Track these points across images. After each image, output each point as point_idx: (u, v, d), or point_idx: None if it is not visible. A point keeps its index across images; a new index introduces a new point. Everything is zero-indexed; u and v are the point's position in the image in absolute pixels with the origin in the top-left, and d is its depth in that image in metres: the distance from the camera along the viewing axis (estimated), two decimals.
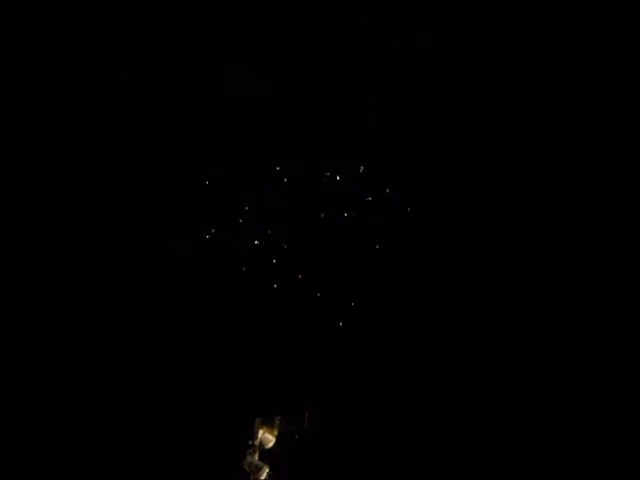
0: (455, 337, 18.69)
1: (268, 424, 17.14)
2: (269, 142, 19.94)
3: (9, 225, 20.12)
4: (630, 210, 18.08)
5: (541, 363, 18.25)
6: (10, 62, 19.88)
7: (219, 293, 19.64)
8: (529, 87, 19.52)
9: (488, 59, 19.69)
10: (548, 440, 17.84)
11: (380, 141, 19.93)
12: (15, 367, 18.20)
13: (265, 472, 16.65)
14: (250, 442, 16.58)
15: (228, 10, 19.93)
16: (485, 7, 19.04)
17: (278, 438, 17.23)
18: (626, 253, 18.19)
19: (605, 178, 18.80)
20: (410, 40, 19.66)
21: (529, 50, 19.56)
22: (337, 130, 20.12)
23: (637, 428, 16.82)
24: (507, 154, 19.44)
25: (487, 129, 19.62)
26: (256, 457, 16.84)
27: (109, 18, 19.77)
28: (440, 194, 19.61)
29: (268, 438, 17.24)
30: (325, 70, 20.03)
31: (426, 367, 18.66)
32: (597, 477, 16.97)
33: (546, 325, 18.40)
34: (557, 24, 19.16)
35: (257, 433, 17.09)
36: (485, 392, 18.36)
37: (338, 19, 19.82)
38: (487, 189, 19.35)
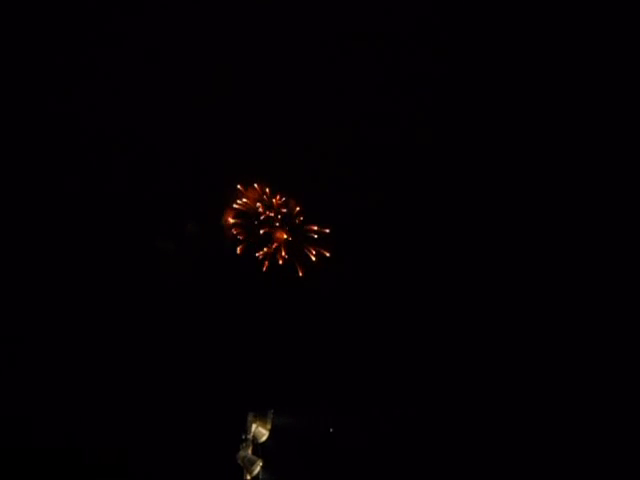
0: (455, 336, 18.61)
1: (261, 418, 17.13)
2: (253, 145, 19.86)
3: None
4: (630, 210, 17.89)
5: (541, 362, 18.17)
6: (9, 60, 19.74)
7: (208, 290, 19.64)
8: (524, 94, 19.22)
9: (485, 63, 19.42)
10: (547, 438, 17.85)
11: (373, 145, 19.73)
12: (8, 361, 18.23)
13: (259, 466, 16.66)
14: (243, 436, 16.57)
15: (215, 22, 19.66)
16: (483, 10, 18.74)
17: (271, 432, 17.22)
18: (626, 253, 18.03)
19: (604, 178, 18.59)
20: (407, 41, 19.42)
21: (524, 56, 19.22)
22: (326, 130, 19.99)
23: (637, 428, 16.81)
24: (505, 158, 19.22)
25: (484, 132, 19.41)
26: (250, 451, 16.84)
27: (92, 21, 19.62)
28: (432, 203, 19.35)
29: (261, 432, 17.20)
30: (318, 73, 19.81)
31: (420, 361, 18.63)
32: (597, 477, 17.00)
33: (546, 324, 18.31)
34: (554, 26, 18.87)
35: (250, 427, 17.06)
36: (484, 390, 18.32)
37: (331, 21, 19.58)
38: (484, 193, 19.15)
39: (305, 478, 18.16)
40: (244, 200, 19.82)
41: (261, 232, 19.53)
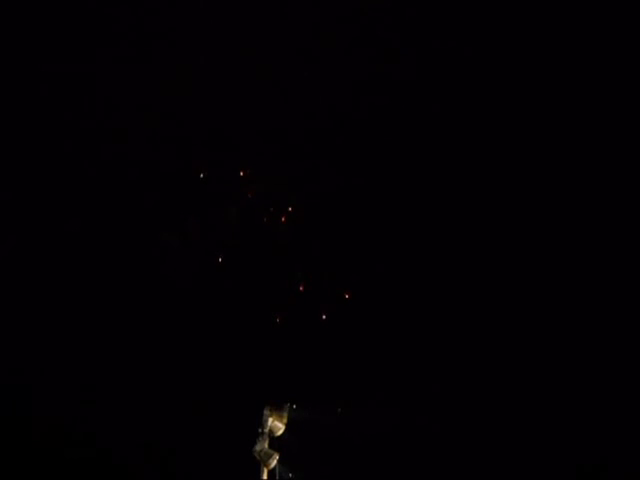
0: (456, 333, 18.68)
1: (277, 412, 17.28)
2: (254, 140, 19.94)
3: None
4: (630, 210, 17.85)
5: (541, 362, 18.22)
6: (9, 58, 19.97)
7: (221, 282, 19.77)
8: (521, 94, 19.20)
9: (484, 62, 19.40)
10: (548, 438, 17.91)
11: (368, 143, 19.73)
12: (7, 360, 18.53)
13: (275, 459, 16.82)
14: (260, 430, 16.72)
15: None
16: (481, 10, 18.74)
17: (287, 426, 17.37)
18: (626, 254, 18.00)
19: (605, 178, 18.54)
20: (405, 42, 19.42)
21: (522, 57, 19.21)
22: (323, 131, 20.01)
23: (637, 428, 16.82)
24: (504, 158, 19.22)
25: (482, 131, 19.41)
26: (266, 445, 17.00)
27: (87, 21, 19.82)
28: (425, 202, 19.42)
29: (278, 426, 17.37)
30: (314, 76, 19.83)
31: (433, 357, 18.72)
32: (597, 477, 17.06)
33: (546, 325, 18.34)
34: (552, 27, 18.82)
35: (267, 421, 17.21)
36: (484, 385, 18.39)
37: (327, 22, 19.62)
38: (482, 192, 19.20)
39: (322, 472, 18.32)
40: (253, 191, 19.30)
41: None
